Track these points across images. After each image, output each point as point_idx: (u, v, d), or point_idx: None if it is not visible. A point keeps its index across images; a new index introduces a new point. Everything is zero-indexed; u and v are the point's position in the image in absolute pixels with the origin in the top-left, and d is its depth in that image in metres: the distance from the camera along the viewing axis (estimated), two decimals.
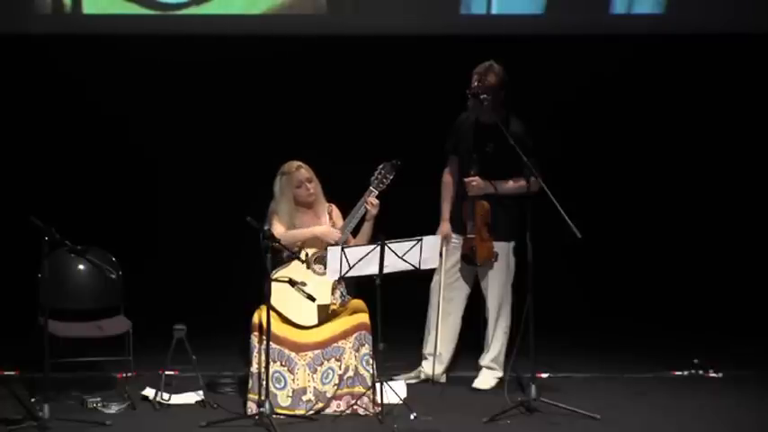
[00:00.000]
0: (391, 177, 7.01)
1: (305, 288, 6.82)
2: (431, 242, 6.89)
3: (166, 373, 7.04)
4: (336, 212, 7.18)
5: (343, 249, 6.70)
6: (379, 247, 6.71)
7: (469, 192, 7.31)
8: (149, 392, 7.08)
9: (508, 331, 7.45)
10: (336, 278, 6.85)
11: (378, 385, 6.76)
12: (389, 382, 6.89)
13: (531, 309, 6.83)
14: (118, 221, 9.17)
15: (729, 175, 9.61)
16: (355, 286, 7.13)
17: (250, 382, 6.82)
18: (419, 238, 6.86)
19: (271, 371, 6.71)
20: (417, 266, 6.86)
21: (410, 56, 9.22)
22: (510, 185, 7.30)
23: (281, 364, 6.83)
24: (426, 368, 7.54)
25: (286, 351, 6.85)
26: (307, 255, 7.00)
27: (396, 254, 6.76)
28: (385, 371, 6.84)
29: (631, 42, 9.39)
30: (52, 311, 6.96)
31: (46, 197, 8.95)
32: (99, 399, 6.96)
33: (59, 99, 9.31)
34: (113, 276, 6.98)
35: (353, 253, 6.72)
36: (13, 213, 7.57)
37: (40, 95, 9.30)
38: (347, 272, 6.74)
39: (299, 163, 7.07)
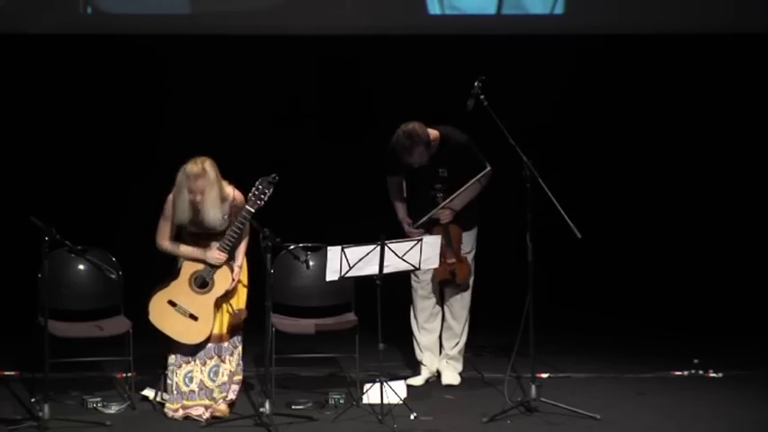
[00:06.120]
0: (269, 193, 6.73)
1: (186, 308, 6.76)
2: (431, 242, 6.89)
3: (166, 372, 7.04)
4: (240, 200, 6.83)
5: (343, 249, 6.70)
6: (379, 248, 6.72)
7: (443, 220, 7.28)
8: (149, 392, 7.07)
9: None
10: (336, 278, 6.81)
11: (378, 385, 6.76)
12: (391, 382, 6.90)
13: (531, 309, 6.83)
14: (118, 221, 9.15)
15: (730, 176, 9.60)
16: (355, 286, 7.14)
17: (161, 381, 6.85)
18: (419, 238, 6.87)
19: (185, 371, 6.74)
20: (417, 266, 6.86)
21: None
22: (467, 195, 7.29)
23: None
24: (440, 365, 7.54)
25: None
26: (306, 255, 7.01)
27: (396, 254, 6.76)
28: (384, 370, 6.85)
29: (635, 42, 9.39)
30: (52, 311, 6.96)
31: (46, 197, 8.94)
32: (99, 399, 6.96)
33: (59, 99, 9.30)
34: (113, 276, 6.97)
35: (353, 253, 6.71)
36: (13, 213, 7.56)
37: (39, 95, 9.30)
38: (347, 272, 6.73)
39: (200, 171, 6.68)
